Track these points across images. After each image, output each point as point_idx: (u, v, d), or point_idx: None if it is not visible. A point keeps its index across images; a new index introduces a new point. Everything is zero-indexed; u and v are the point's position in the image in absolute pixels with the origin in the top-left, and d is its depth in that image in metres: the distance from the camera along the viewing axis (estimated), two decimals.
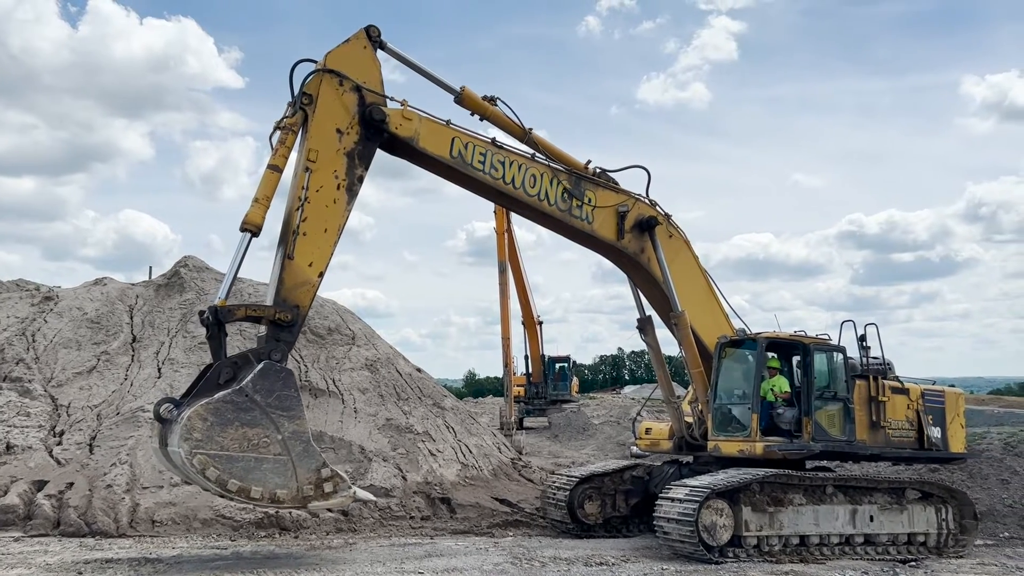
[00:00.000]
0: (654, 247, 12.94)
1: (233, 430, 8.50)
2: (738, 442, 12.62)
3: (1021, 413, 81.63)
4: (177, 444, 8.42)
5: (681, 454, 13.83)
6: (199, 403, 8.60)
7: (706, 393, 13.18)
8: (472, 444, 17.92)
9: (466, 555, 11.41)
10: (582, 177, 12.50)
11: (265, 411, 8.66)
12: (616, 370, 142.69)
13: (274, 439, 8.70)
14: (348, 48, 10.63)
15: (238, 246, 9.68)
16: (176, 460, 8.67)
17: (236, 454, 8.51)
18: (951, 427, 14.04)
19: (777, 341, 13.12)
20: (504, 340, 32.68)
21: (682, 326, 13.04)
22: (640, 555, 11.75)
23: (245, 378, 8.87)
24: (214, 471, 8.42)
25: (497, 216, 33.18)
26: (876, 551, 12.42)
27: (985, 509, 15.01)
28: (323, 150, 10.18)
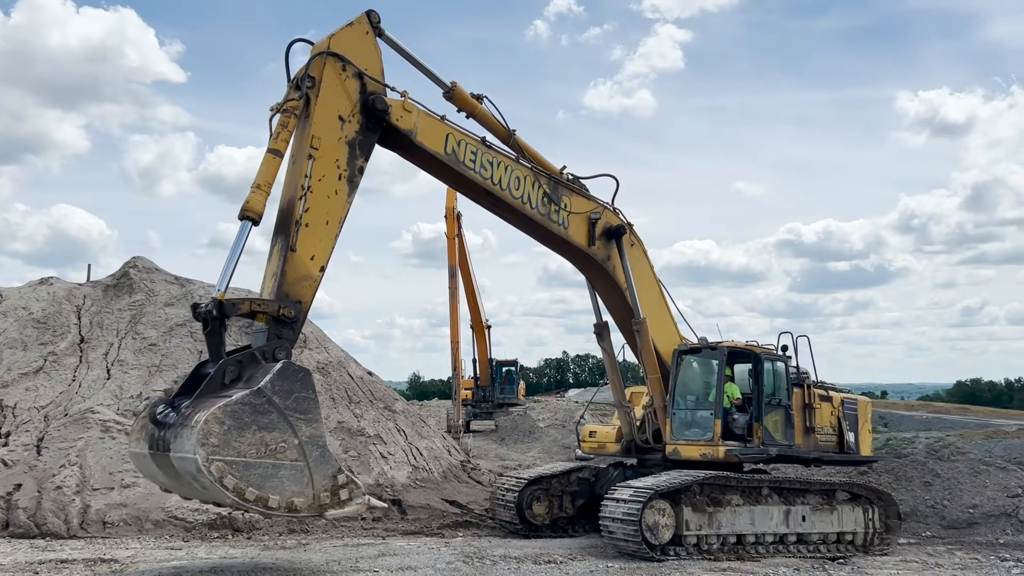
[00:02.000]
0: (620, 255, 13.33)
1: (250, 434, 7.81)
2: (700, 446, 13.19)
3: (948, 419, 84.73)
4: (191, 449, 7.63)
5: (630, 456, 14.32)
6: (215, 405, 7.79)
7: (662, 398, 13.69)
8: (423, 447, 18.23)
9: (418, 554, 11.75)
10: (559, 182, 12.70)
11: (283, 414, 8.01)
12: (561, 373, 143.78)
13: (291, 444, 8.03)
14: (351, 32, 10.19)
15: (238, 235, 9.00)
16: (185, 467, 7.83)
17: (253, 460, 7.81)
18: (862, 432, 14.98)
19: (734, 350, 13.80)
20: (453, 344, 33.01)
21: (644, 333, 13.53)
22: (586, 553, 12.24)
23: (261, 378, 8.15)
24: (232, 479, 7.68)
25: (448, 222, 33.51)
26: (808, 549, 13.13)
27: (909, 510, 15.89)
28: (325, 137, 9.66)
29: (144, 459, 8.55)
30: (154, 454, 8.30)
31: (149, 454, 8.37)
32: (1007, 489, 16.24)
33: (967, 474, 16.74)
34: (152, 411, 8.20)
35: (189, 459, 7.70)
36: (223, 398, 7.99)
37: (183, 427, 7.88)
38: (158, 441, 8.21)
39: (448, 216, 33.71)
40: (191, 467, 7.73)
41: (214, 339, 8.79)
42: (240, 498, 7.76)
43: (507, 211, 12.30)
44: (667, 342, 13.89)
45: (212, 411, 7.71)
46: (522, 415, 37.50)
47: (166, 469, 8.29)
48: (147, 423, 8.41)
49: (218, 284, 8.81)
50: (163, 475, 8.47)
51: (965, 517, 15.85)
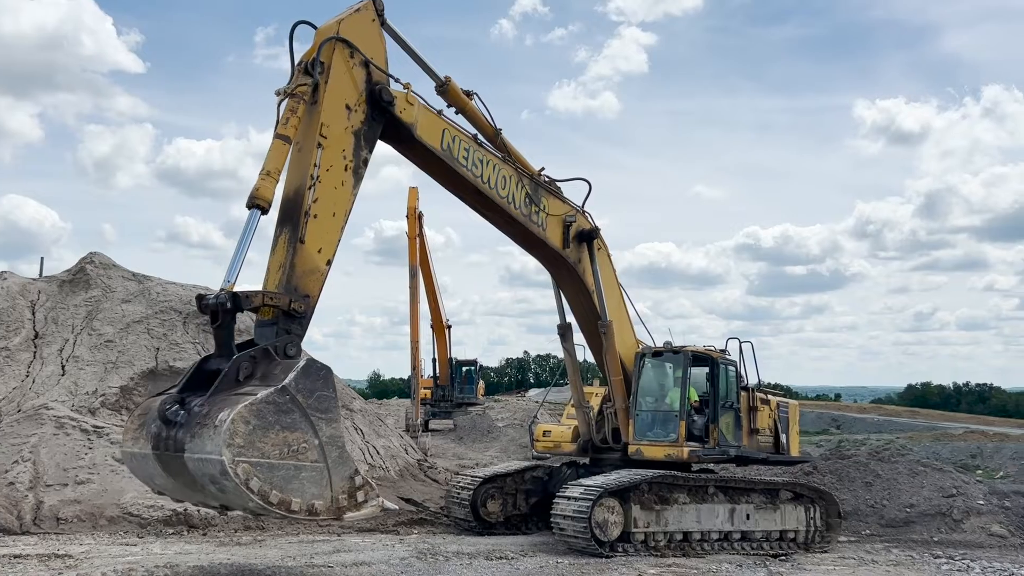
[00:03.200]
0: (591, 259, 13.59)
1: (274, 435, 7.42)
2: (664, 447, 13.63)
3: (899, 421, 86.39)
4: (215, 451, 7.19)
5: (586, 456, 14.67)
6: (241, 403, 7.37)
7: (624, 400, 14.07)
8: (380, 446, 18.45)
9: (373, 551, 11.98)
10: (539, 184, 12.80)
11: (305, 413, 7.63)
12: (522, 373, 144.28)
13: (312, 444, 7.65)
14: (358, 18, 9.85)
15: (247, 225, 8.51)
16: (204, 468, 7.39)
17: (276, 462, 7.42)
18: (792, 434, 15.63)
19: (696, 354, 14.31)
20: (413, 343, 33.13)
21: (610, 335, 13.86)
22: (538, 550, 12.56)
23: (283, 375, 7.76)
24: (257, 481, 7.28)
25: (409, 221, 33.61)
26: (751, 546, 13.60)
27: (850, 509, 16.46)
28: (333, 126, 9.31)
29: (143, 460, 7.92)
30: (160, 455, 7.75)
31: (152, 455, 7.77)
32: (943, 489, 16.90)
33: (906, 475, 17.38)
34: (163, 408, 7.63)
35: (213, 460, 7.22)
36: (246, 396, 7.50)
37: (203, 426, 7.35)
38: (166, 441, 7.65)
39: (409, 216, 33.82)
40: (213, 469, 7.26)
41: (224, 333, 8.21)
42: (264, 501, 7.39)
43: (492, 210, 12.24)
44: (625, 345, 14.29)
45: (238, 410, 7.24)
46: (481, 414, 37.79)
47: (173, 471, 7.73)
48: (148, 421, 7.83)
49: (227, 275, 8.26)
50: (165, 477, 7.87)
51: (902, 516, 16.46)
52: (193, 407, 7.55)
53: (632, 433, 13.89)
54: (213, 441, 7.24)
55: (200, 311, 8.34)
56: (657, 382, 14.60)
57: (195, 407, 7.53)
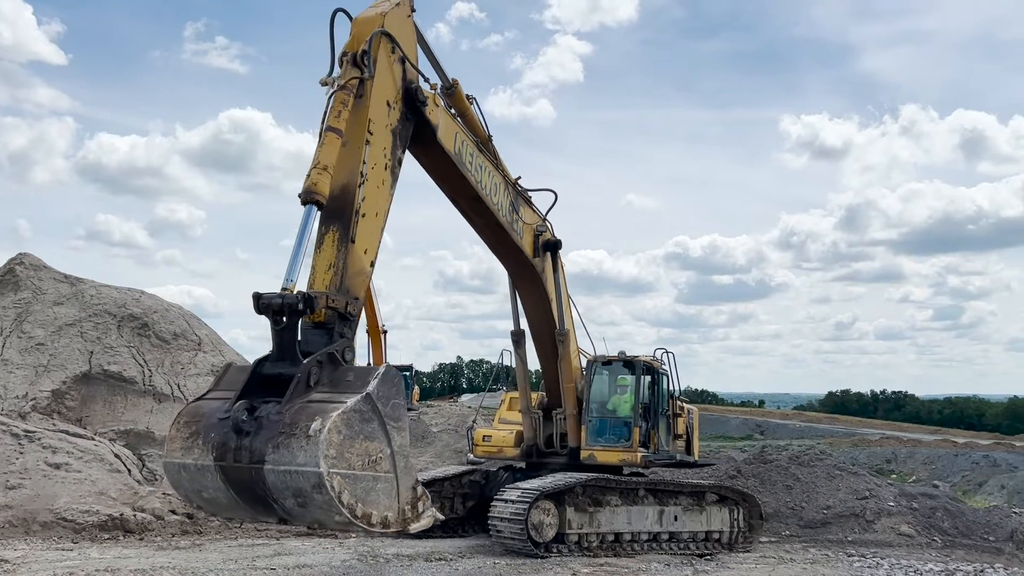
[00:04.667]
0: (554, 268, 13.98)
1: (358, 445, 7.05)
2: (619, 452, 14.32)
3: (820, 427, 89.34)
4: (311, 462, 6.71)
5: (529, 460, 15.09)
6: (334, 411, 6.97)
7: (575, 406, 14.59)
8: None
9: (313, 554, 12.18)
10: (518, 192, 12.92)
11: (383, 422, 7.30)
12: (455, 378, 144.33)
13: (385, 454, 7.30)
14: (398, 12, 9.46)
15: (304, 221, 8.00)
16: (293, 481, 6.87)
17: (359, 473, 7.03)
18: (695, 438, 16.60)
19: (647, 364, 15.13)
20: None
21: (567, 343, 14.36)
22: (475, 552, 12.94)
23: (360, 382, 7.37)
24: (347, 494, 6.85)
25: None
26: (678, 546, 14.24)
27: (771, 511, 17.29)
28: (377, 123, 8.96)
29: (199, 471, 7.15)
30: (226, 466, 7.02)
31: (215, 466, 7.04)
32: (857, 492, 17.89)
33: (823, 478, 18.34)
34: (237, 416, 6.99)
35: (307, 473, 6.70)
36: (332, 403, 7.08)
37: (289, 436, 6.81)
38: (236, 451, 6.95)
39: None
40: (305, 482, 6.74)
41: (288, 335, 7.60)
42: (352, 515, 6.92)
43: (483, 216, 12.13)
44: (574, 353, 14.89)
45: (333, 419, 6.83)
46: (415, 420, 37.91)
47: (238, 483, 7.06)
48: (203, 429, 7.17)
49: (288, 275, 7.72)
50: (222, 490, 7.15)
51: (820, 517, 17.38)
52: (267, 415, 6.94)
53: (585, 439, 14.45)
54: (307, 452, 6.72)
55: (259, 311, 7.61)
56: (609, 390, 15.35)
57: (270, 415, 6.92)
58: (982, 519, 17.63)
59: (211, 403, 7.25)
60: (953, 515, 17.55)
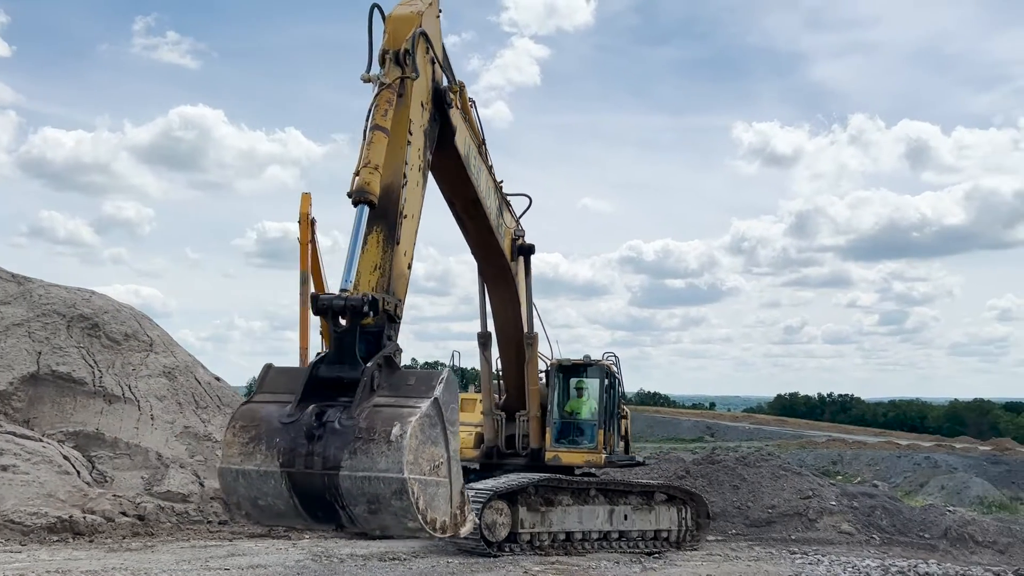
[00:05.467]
0: (527, 272, 14.24)
1: (427, 450, 6.98)
2: (584, 453, 14.76)
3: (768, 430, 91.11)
4: (394, 467, 6.63)
5: (490, 461, 15.25)
6: (412, 416, 6.87)
7: (538, 408, 14.89)
8: None
9: (267, 554, 12.23)
10: (502, 196, 13.00)
11: (444, 427, 7.22)
12: None
13: (444, 459, 7.20)
14: (431, 12, 9.31)
15: (357, 222, 7.82)
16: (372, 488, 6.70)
17: (428, 478, 6.97)
18: (629, 439, 17.20)
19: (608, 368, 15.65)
20: (302, 351, 32.92)
21: (535, 346, 14.60)
22: (428, 551, 13.10)
23: (425, 387, 7.26)
24: (422, 500, 6.79)
25: (301, 227, 33.29)
26: (628, 545, 14.58)
27: (718, 510, 17.75)
28: (415, 123, 8.76)
29: (261, 478, 6.87)
30: (294, 472, 6.80)
31: (280, 472, 6.80)
32: (800, 492, 18.45)
33: (769, 478, 18.88)
34: (310, 422, 6.80)
35: (389, 479, 6.59)
36: (408, 409, 6.99)
37: (367, 441, 6.68)
38: (307, 458, 6.75)
39: (302, 221, 33.50)
40: (384, 488, 6.63)
41: (350, 338, 7.37)
42: (424, 521, 6.83)
43: (476, 219, 12.05)
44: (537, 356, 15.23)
45: (413, 424, 6.76)
46: None
47: (305, 489, 6.84)
48: (264, 434, 6.92)
49: (347, 276, 7.56)
50: (284, 497, 6.87)
51: (765, 516, 17.89)
52: (337, 420, 6.77)
53: (549, 440, 14.74)
54: (388, 458, 6.61)
55: (318, 313, 7.39)
56: (573, 392, 15.81)
57: (341, 420, 6.76)
58: (918, 517, 18.32)
59: (267, 407, 6.96)
60: (891, 514, 18.21)
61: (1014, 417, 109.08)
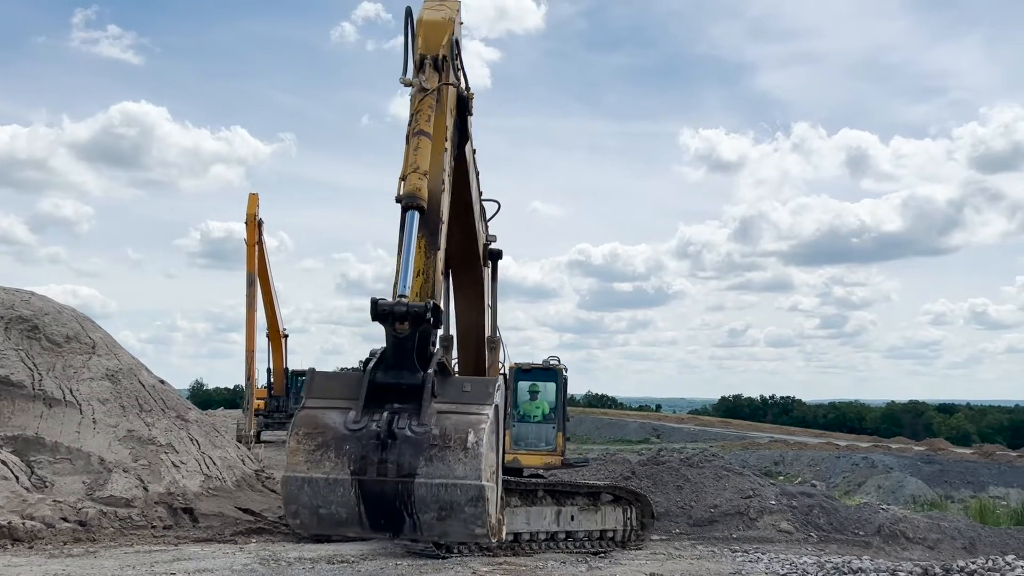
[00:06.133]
0: (494, 276, 14.32)
1: (490, 456, 7.08)
2: (543, 455, 15.23)
3: (713, 431, 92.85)
4: (471, 474, 6.70)
5: None
6: (480, 423, 6.91)
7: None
8: (216, 456, 18.34)
9: (214, 559, 12.16)
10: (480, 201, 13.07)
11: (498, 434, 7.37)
12: None
13: (495, 464, 7.32)
14: (457, 18, 9.35)
15: (408, 228, 7.79)
16: (448, 495, 6.73)
17: (491, 484, 7.04)
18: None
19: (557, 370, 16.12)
20: (248, 353, 32.69)
21: (497, 349, 14.68)
22: (377, 554, 13.17)
23: (487, 394, 7.28)
24: (492, 506, 6.94)
25: (248, 228, 33.15)
26: (575, 545, 14.82)
27: (663, 510, 18.12)
28: (450, 128, 8.84)
29: (330, 486, 6.78)
30: (366, 480, 6.76)
31: (351, 479, 6.76)
32: (742, 491, 18.92)
33: (711, 478, 19.32)
34: (380, 428, 6.75)
35: (467, 486, 6.65)
36: (474, 415, 7.00)
37: (443, 449, 6.72)
38: (380, 465, 6.72)
39: (249, 222, 33.38)
40: (462, 495, 6.69)
41: (409, 344, 7.28)
42: (489, 526, 6.86)
43: (467, 223, 11.99)
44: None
45: (485, 431, 6.85)
46: None
47: (375, 497, 6.79)
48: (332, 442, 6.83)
49: (403, 283, 7.50)
50: (353, 505, 6.83)
51: (707, 516, 18.30)
52: (407, 427, 6.79)
53: (508, 443, 14.98)
54: (466, 465, 6.63)
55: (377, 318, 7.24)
56: (531, 396, 16.20)
57: (411, 427, 6.78)
58: (854, 515, 18.93)
59: (328, 413, 6.85)
60: (828, 512, 18.78)
61: (946, 418, 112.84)
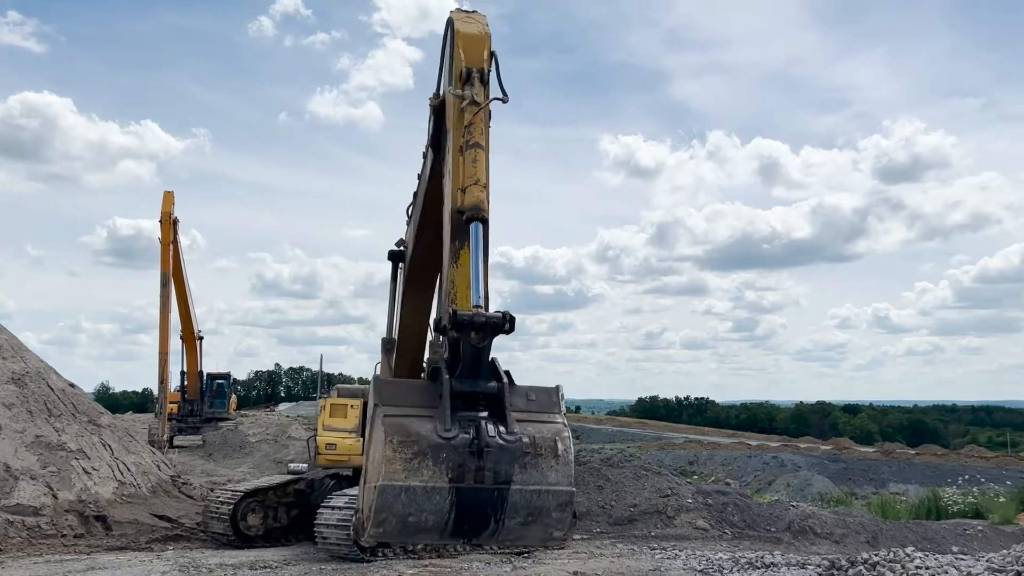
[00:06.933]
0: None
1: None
2: None
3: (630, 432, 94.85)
4: (563, 481, 7.00)
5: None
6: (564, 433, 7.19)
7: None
8: (130, 462, 17.80)
9: (130, 567, 11.84)
10: None
11: None
12: (272, 386, 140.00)
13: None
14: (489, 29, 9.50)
15: (475, 240, 7.99)
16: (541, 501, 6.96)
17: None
18: None
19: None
20: (162, 355, 31.78)
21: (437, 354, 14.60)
22: (300, 559, 13.03)
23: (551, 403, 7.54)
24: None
25: (163, 226, 32.23)
26: (499, 546, 14.95)
27: (584, 510, 18.45)
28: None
29: (427, 493, 6.94)
30: (463, 487, 6.96)
31: (449, 487, 6.95)
32: (660, 490, 19.42)
33: (631, 478, 19.75)
34: (475, 437, 6.95)
35: (560, 491, 7.01)
36: (551, 424, 7.29)
37: (536, 456, 6.98)
38: (477, 472, 6.92)
39: (164, 220, 32.46)
40: (553, 501, 7.02)
41: (485, 353, 7.52)
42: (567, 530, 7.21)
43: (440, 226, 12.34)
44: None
45: (569, 439, 7.19)
46: (232, 430, 36.77)
47: (472, 504, 6.99)
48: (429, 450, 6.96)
49: (476, 293, 7.71)
50: (445, 512, 7.00)
51: (627, 515, 18.72)
52: (497, 435, 7.02)
53: None
54: (558, 472, 6.94)
55: (458, 328, 7.42)
56: None
57: (501, 435, 7.02)
58: (766, 512, 19.64)
59: (415, 421, 6.97)
60: (742, 509, 19.45)
61: (851, 418, 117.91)
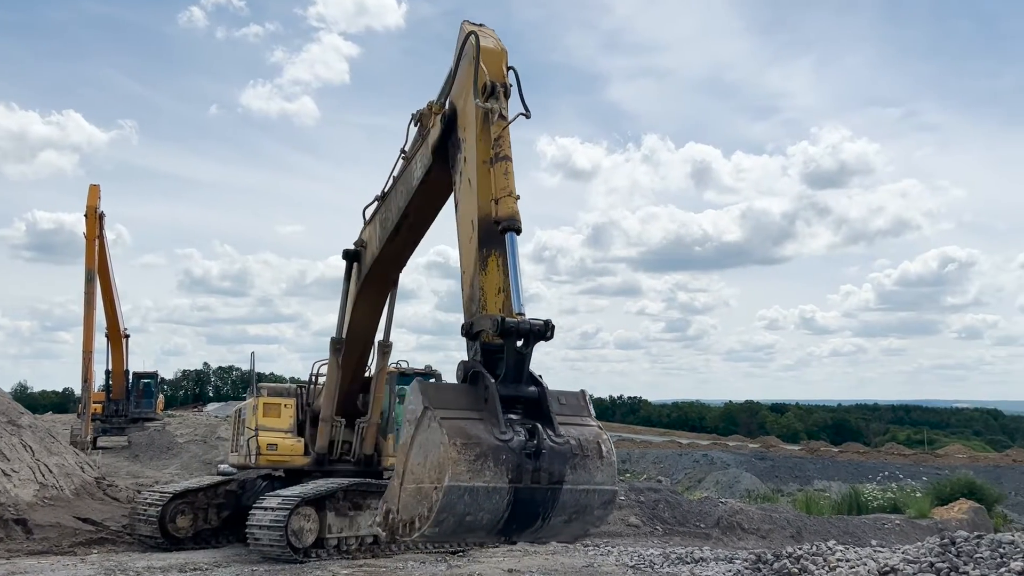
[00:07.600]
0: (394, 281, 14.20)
1: None
2: None
3: None
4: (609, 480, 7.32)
5: (322, 468, 14.94)
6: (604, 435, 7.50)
7: (379, 416, 14.98)
8: (52, 464, 17.24)
9: (53, 571, 11.48)
10: None
11: None
12: (200, 386, 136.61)
13: None
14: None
15: (511, 249, 8.19)
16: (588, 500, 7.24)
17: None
18: None
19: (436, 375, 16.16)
20: (86, 354, 30.82)
21: (387, 355, 14.68)
22: (231, 561, 12.82)
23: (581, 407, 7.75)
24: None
25: (88, 221, 31.25)
26: (433, 545, 14.97)
27: None
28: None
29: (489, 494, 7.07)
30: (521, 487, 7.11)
31: (508, 487, 7.08)
32: None
33: None
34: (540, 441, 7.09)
35: (606, 491, 7.34)
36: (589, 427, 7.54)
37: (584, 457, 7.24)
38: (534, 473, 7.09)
39: (89, 215, 31.47)
40: (599, 499, 7.31)
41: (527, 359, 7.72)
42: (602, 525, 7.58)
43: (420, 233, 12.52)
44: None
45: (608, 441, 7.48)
46: (160, 430, 35.85)
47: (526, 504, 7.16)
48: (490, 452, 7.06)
49: (517, 301, 7.92)
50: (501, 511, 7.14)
51: None
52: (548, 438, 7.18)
53: (391, 446, 14.80)
54: (604, 472, 7.29)
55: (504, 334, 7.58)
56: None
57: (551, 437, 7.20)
58: (696, 509, 20.11)
59: (473, 424, 7.11)
60: (673, 506, 19.87)
61: (778, 417, 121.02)
